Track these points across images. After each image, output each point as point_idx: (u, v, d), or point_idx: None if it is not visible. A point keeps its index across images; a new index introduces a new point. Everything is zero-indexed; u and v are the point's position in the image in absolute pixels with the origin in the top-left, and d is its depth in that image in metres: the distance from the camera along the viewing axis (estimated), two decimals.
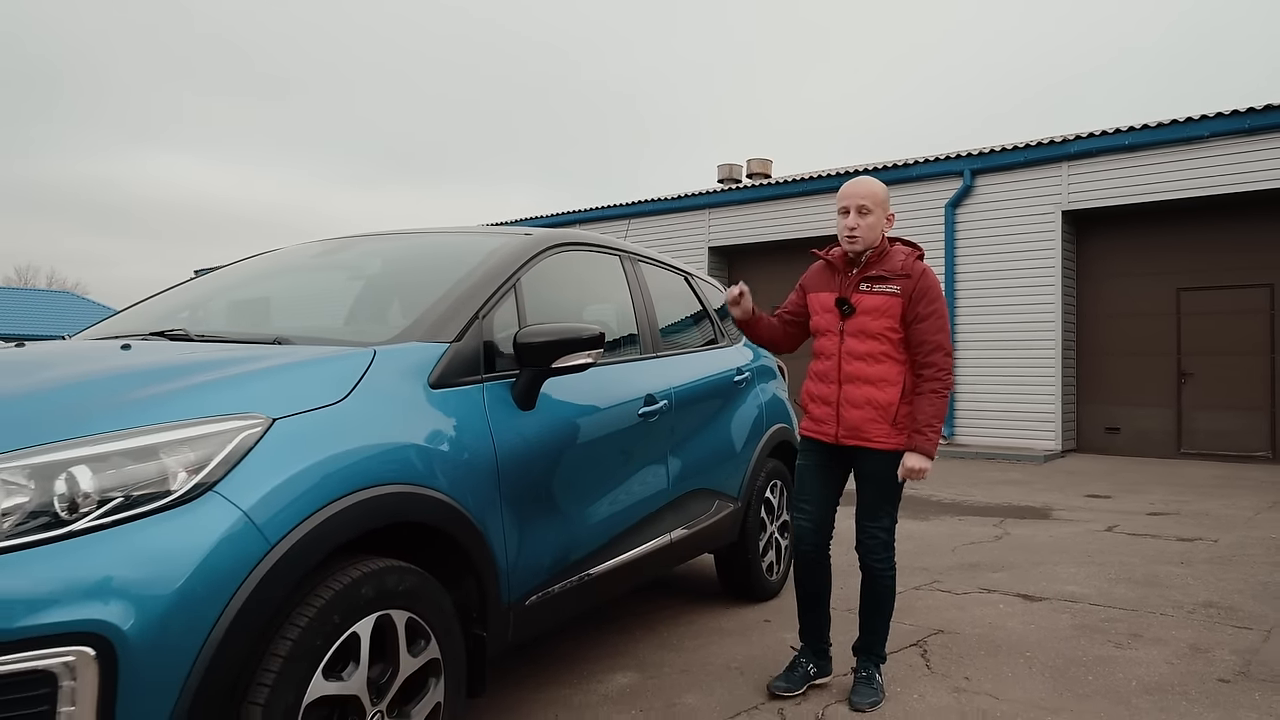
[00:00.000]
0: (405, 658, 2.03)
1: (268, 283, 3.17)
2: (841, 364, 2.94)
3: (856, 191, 2.95)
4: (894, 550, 3.05)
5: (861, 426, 2.91)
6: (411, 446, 2.11)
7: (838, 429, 2.96)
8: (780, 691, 2.99)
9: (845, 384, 2.93)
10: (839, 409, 2.95)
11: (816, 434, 3.04)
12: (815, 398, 3.05)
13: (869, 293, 2.92)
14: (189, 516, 1.65)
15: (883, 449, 2.92)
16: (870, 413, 2.89)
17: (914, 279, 2.90)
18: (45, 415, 1.71)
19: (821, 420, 3.01)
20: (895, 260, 2.96)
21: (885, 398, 2.89)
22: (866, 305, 2.91)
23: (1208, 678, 3.25)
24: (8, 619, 1.48)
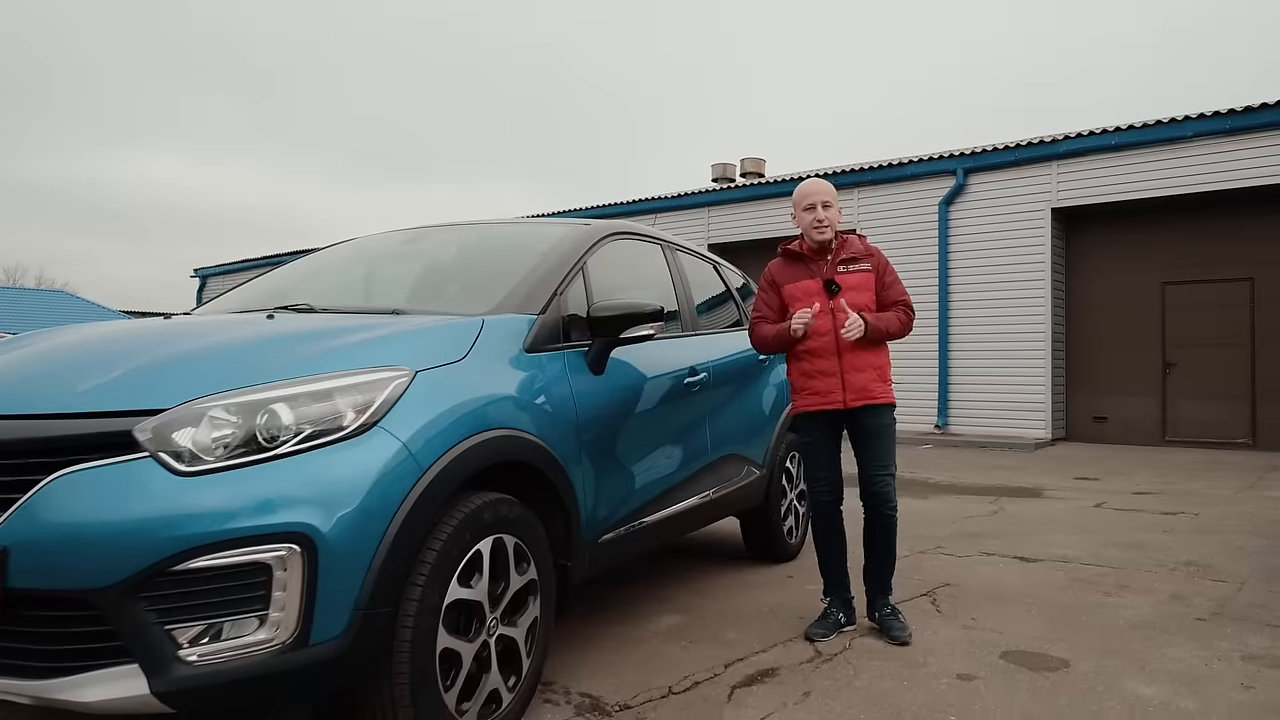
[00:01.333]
0: (514, 575, 2.42)
1: (359, 266, 3.56)
2: (839, 337, 3.28)
3: (819, 190, 3.38)
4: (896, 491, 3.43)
5: (867, 387, 3.31)
6: (515, 399, 2.51)
7: (845, 394, 3.31)
8: (815, 636, 3.35)
9: (846, 353, 3.30)
10: (843, 376, 3.31)
11: (823, 405, 3.35)
12: (815, 373, 3.36)
13: (848, 273, 3.37)
14: (362, 446, 2.04)
15: (885, 403, 3.35)
16: (872, 374, 3.32)
17: (876, 257, 3.44)
18: (240, 366, 2.09)
19: (827, 391, 3.33)
20: (856, 245, 3.45)
21: (880, 360, 3.36)
22: (850, 283, 3.35)
23: (1186, 618, 3.66)
24: (233, 521, 1.86)
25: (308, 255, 3.78)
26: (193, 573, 1.85)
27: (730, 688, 2.84)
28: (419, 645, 2.09)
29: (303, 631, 1.90)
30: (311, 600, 1.91)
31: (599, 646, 3.22)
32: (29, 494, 1.90)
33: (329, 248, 3.85)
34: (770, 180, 16.66)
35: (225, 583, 1.87)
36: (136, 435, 1.91)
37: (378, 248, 3.69)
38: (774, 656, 3.15)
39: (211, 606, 1.87)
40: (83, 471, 1.89)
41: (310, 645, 1.91)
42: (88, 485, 1.88)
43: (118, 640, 1.84)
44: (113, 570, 1.82)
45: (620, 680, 2.89)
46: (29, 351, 2.38)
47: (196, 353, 2.19)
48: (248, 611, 1.88)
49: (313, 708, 2.10)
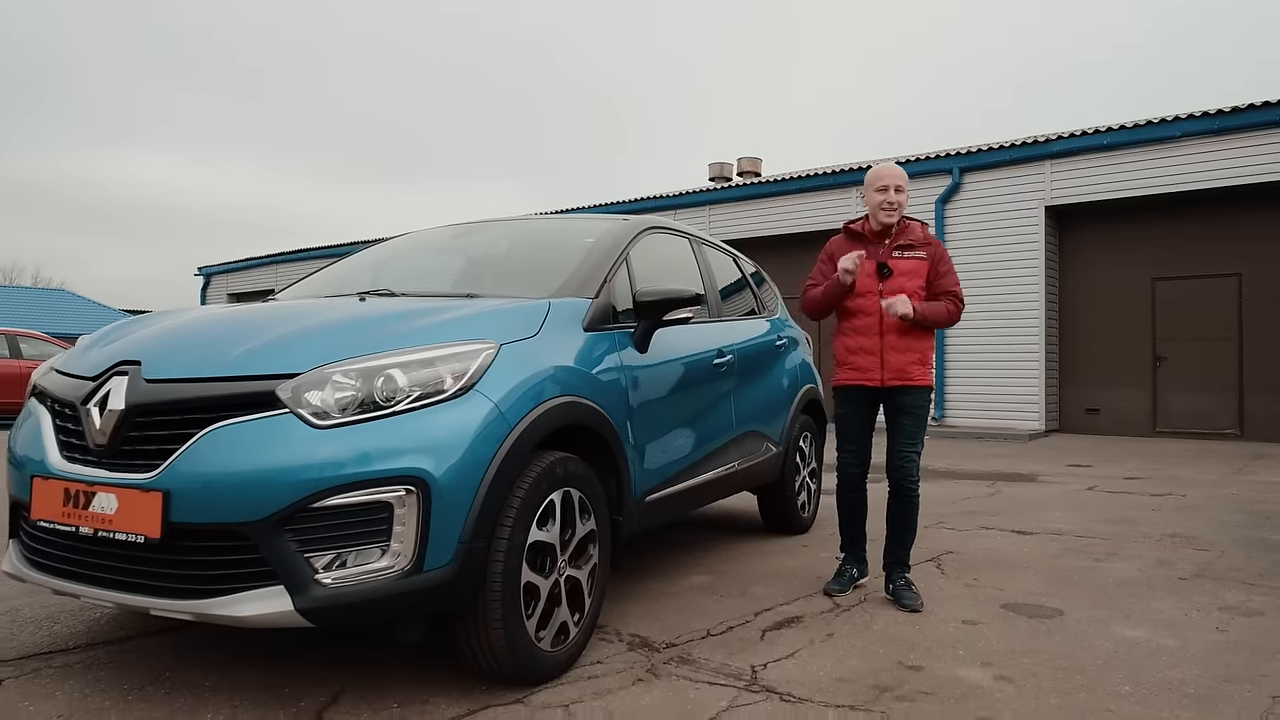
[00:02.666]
0: (579, 524, 2.78)
1: (422, 256, 3.90)
2: (884, 318, 3.50)
3: (894, 173, 3.56)
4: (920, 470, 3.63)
5: (905, 368, 3.52)
6: (578, 370, 2.86)
7: (883, 373, 3.53)
8: (833, 592, 3.66)
9: (888, 334, 3.50)
10: (883, 356, 3.52)
11: (861, 381, 3.58)
12: (858, 350, 3.58)
13: (902, 259, 3.55)
14: (463, 406, 2.39)
15: (921, 385, 3.55)
16: (912, 356, 3.51)
17: (933, 246, 3.60)
18: (355, 339, 2.44)
19: (867, 369, 3.56)
20: (916, 232, 3.62)
21: (923, 344, 3.54)
22: (902, 268, 3.53)
23: (1170, 578, 4.03)
24: (360, 466, 2.21)
25: (368, 248, 4.12)
26: (328, 509, 2.20)
27: (761, 631, 3.20)
28: (508, 577, 2.44)
29: (418, 560, 2.25)
30: (425, 534, 2.26)
31: (641, 599, 3.57)
32: (187, 445, 2.25)
33: (388, 241, 4.19)
34: (769, 179, 17.01)
35: (354, 518, 2.22)
36: (279, 394, 2.26)
37: (435, 240, 4.04)
38: (797, 608, 3.51)
39: (343, 538, 2.22)
40: (233, 425, 2.24)
41: (424, 572, 2.26)
42: (238, 437, 2.23)
43: (266, 566, 2.19)
44: (262, 507, 2.17)
45: (663, 624, 3.25)
46: (159, 329, 2.72)
47: (316, 328, 2.54)
48: (373, 542, 2.24)
49: (423, 626, 2.45)
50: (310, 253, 25.03)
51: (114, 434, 2.35)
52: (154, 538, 2.22)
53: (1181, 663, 2.85)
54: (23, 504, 2.56)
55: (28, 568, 2.56)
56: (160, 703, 2.46)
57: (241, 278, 27.61)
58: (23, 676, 2.66)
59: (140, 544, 2.24)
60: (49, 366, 2.84)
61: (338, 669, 2.72)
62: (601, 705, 2.47)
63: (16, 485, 2.62)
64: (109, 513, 2.29)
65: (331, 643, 2.97)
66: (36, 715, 2.37)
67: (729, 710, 2.45)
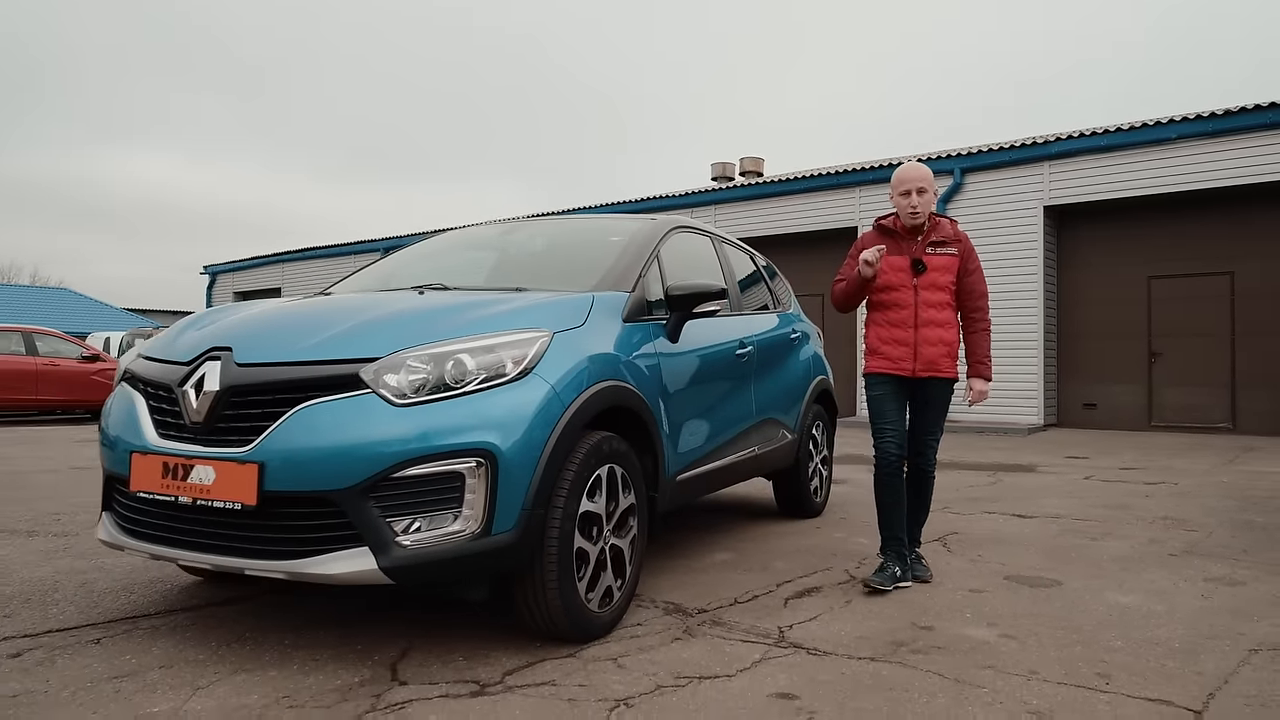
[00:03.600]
0: (621, 498, 3.05)
1: (465, 253, 4.17)
2: (918, 312, 3.61)
3: (915, 175, 3.62)
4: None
5: (935, 361, 3.62)
6: (620, 358, 3.13)
7: (915, 364, 3.62)
8: (875, 585, 3.52)
9: (921, 328, 3.61)
10: (916, 348, 3.61)
11: (894, 370, 3.65)
12: (891, 340, 3.66)
13: (935, 255, 3.66)
14: (524, 387, 2.66)
15: (949, 377, 3.68)
16: (942, 349, 3.62)
17: (964, 243, 3.74)
18: (424, 327, 2.71)
19: (899, 359, 3.64)
20: (947, 228, 3.72)
21: (951, 337, 3.66)
22: (935, 264, 3.65)
23: (1160, 554, 4.31)
24: (436, 440, 2.48)
25: (410, 246, 4.38)
26: (407, 479, 2.47)
27: (784, 599, 3.47)
28: (563, 542, 2.71)
29: (486, 524, 2.52)
30: (493, 501, 2.53)
31: (670, 572, 3.84)
32: (279, 422, 2.51)
33: (429, 239, 4.46)
34: (773, 179, 17.27)
35: (430, 486, 2.49)
36: (362, 376, 2.53)
37: (476, 238, 4.31)
38: (815, 580, 3.78)
39: (420, 504, 2.49)
40: (321, 404, 2.51)
41: (491, 535, 2.53)
42: (326, 414, 2.50)
43: (352, 529, 2.46)
44: (350, 476, 2.44)
45: (694, 593, 3.52)
46: (241, 319, 2.99)
47: (388, 317, 2.81)
48: (446, 508, 2.50)
49: (487, 586, 2.71)
50: (314, 251, 25.29)
51: (209, 413, 2.61)
52: (250, 505, 2.48)
53: (1169, 623, 3.13)
54: (119, 478, 2.82)
55: (124, 535, 2.82)
56: (248, 656, 2.73)
57: (247, 276, 27.86)
58: (116, 636, 2.93)
59: (237, 511, 2.51)
60: (135, 354, 3.10)
61: (403, 629, 2.99)
62: (647, 658, 2.74)
63: (111, 461, 2.88)
64: (207, 483, 2.55)
65: (395, 607, 3.24)
66: (140, 665, 2.63)
67: (762, 661, 2.72)
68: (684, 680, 2.55)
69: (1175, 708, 2.36)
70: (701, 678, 2.57)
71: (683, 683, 2.53)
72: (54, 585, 3.56)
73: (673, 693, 2.45)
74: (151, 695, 2.40)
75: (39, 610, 3.21)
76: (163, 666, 2.62)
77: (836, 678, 2.58)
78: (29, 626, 3.01)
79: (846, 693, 2.46)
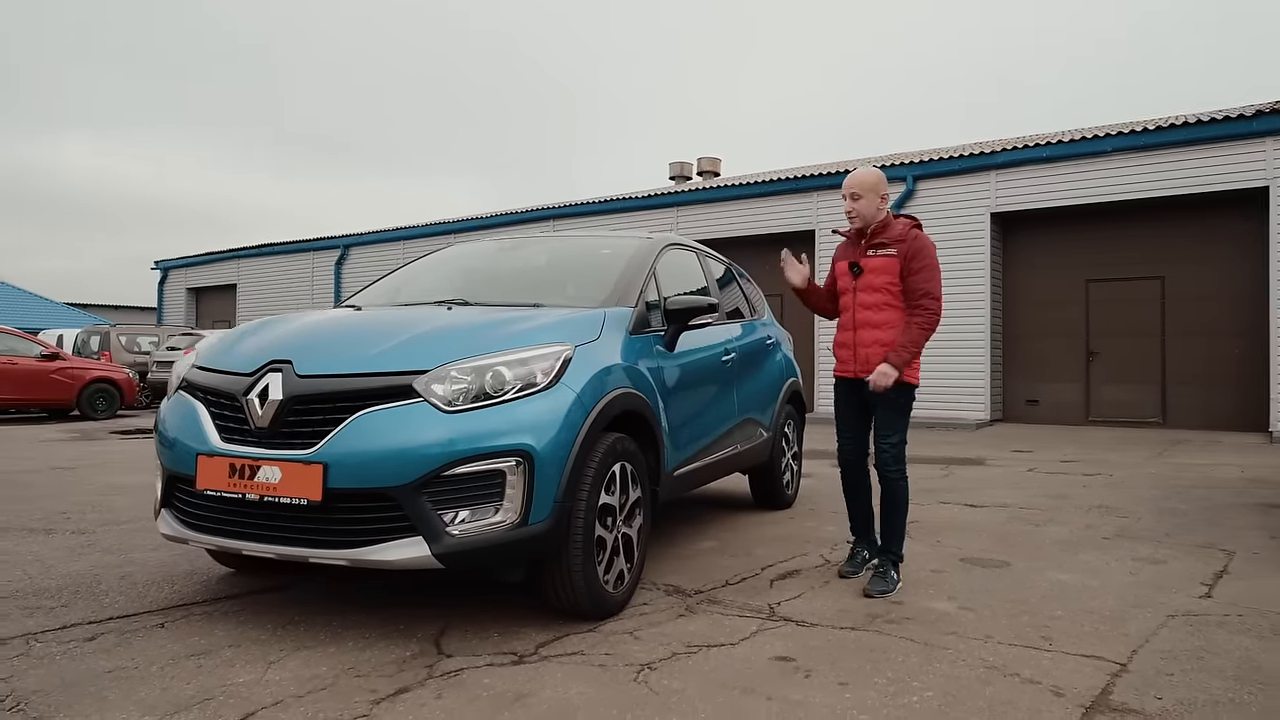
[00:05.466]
0: (631, 491, 3.44)
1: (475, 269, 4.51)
2: (856, 313, 3.78)
3: (848, 182, 3.80)
4: (905, 463, 3.80)
5: (871, 360, 3.71)
6: (629, 367, 3.52)
7: (855, 365, 3.80)
8: (848, 574, 3.85)
9: (859, 329, 3.77)
10: (855, 349, 3.79)
11: (843, 372, 3.89)
12: (839, 344, 3.89)
13: (874, 256, 3.75)
14: (554, 395, 3.04)
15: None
16: (878, 350, 3.70)
17: (909, 243, 3.70)
18: (466, 342, 3.07)
19: (845, 360, 3.87)
20: (896, 229, 3.75)
21: (888, 338, 3.70)
22: (872, 266, 3.74)
23: (1095, 538, 4.84)
24: (481, 442, 2.84)
25: (421, 259, 4.72)
26: (456, 476, 2.83)
27: (770, 580, 3.90)
28: (586, 531, 3.09)
29: (524, 516, 2.90)
30: (530, 495, 2.90)
31: (665, 559, 4.25)
32: (339, 428, 2.86)
33: (436, 254, 4.80)
34: (734, 183, 17.74)
35: (476, 483, 2.86)
36: (415, 386, 2.89)
37: (482, 253, 4.67)
38: (795, 564, 4.22)
39: (467, 498, 2.85)
40: (379, 411, 2.86)
41: (529, 524, 2.90)
42: (384, 420, 2.85)
43: (407, 521, 2.81)
44: (406, 474, 2.79)
45: (689, 577, 3.93)
46: (292, 331, 3.32)
47: (431, 333, 3.16)
48: (489, 502, 2.87)
49: (523, 570, 3.09)
50: (272, 248, 25.17)
51: (274, 419, 2.94)
52: (315, 501, 2.82)
53: (1101, 595, 3.63)
54: (182, 477, 3.13)
55: (187, 529, 3.13)
56: (306, 636, 3.07)
57: (201, 272, 27.59)
58: (177, 621, 3.24)
59: (303, 506, 2.85)
60: (190, 364, 3.41)
61: (437, 612, 3.35)
62: (658, 631, 3.15)
63: (173, 462, 3.18)
64: (273, 482, 2.88)
65: (428, 593, 3.59)
66: (211, 645, 2.96)
67: (759, 632, 3.14)
68: (695, 648, 2.96)
69: (1105, 661, 2.84)
70: (709, 646, 2.98)
71: (694, 650, 2.94)
72: (95, 578, 3.84)
73: (687, 658, 2.86)
74: (231, 669, 2.73)
75: (92, 600, 3.50)
76: (232, 646, 2.95)
77: (824, 644, 3.01)
78: (90, 615, 3.30)
79: (835, 655, 2.89)
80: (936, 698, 2.53)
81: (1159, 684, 2.64)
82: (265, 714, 2.38)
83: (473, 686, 2.60)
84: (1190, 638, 3.08)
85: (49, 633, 3.06)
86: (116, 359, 17.74)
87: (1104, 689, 2.60)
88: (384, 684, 2.62)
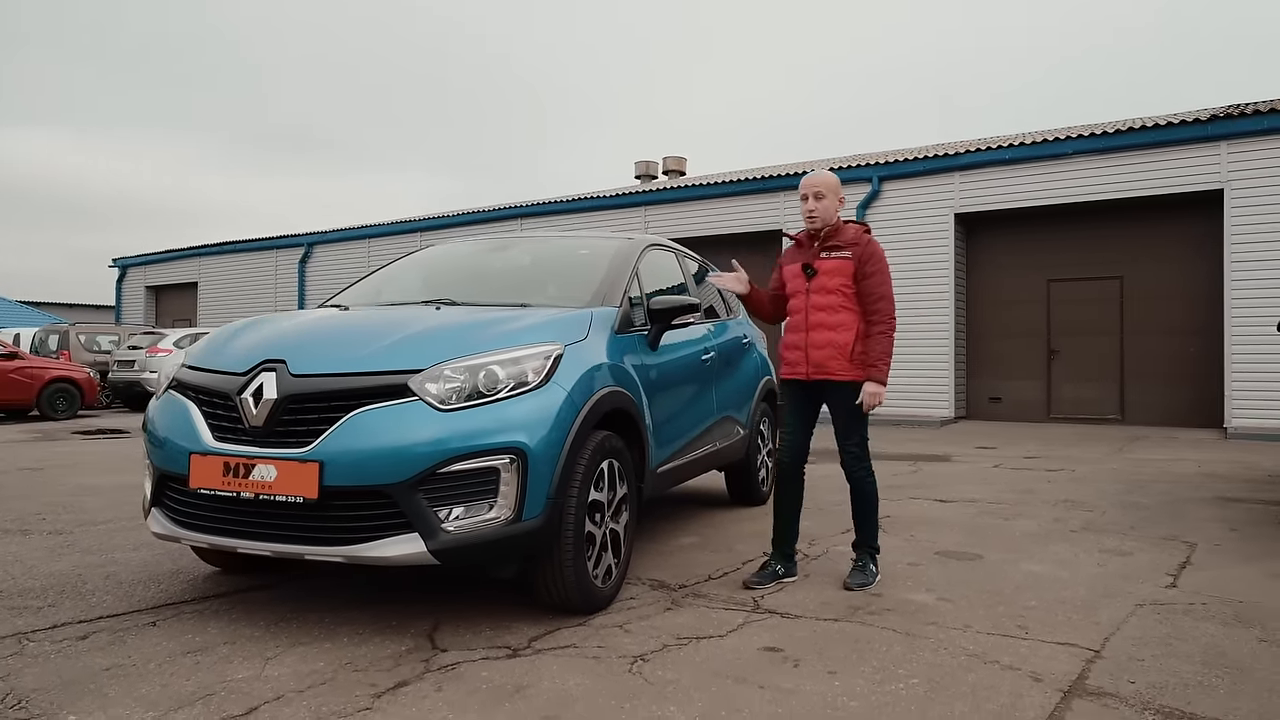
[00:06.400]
0: (619, 488, 3.51)
1: (460, 269, 4.53)
2: (808, 315, 3.73)
3: (811, 182, 3.78)
4: (870, 462, 3.85)
5: (824, 363, 3.69)
6: (616, 366, 3.58)
7: (808, 367, 3.74)
8: (754, 585, 3.71)
9: (811, 331, 3.72)
10: (807, 351, 3.73)
11: (792, 375, 3.81)
12: (790, 345, 3.82)
13: (828, 259, 3.74)
14: (545, 394, 3.09)
15: (843, 380, 3.69)
16: (830, 351, 3.67)
17: (862, 246, 3.73)
18: (457, 342, 3.11)
19: (795, 363, 3.79)
20: (848, 233, 3.78)
21: (842, 339, 3.68)
22: (825, 268, 3.72)
23: (1063, 531, 4.99)
24: (475, 440, 2.89)
25: (403, 259, 4.74)
26: (451, 473, 2.87)
27: (750, 573, 3.98)
28: (577, 527, 3.15)
29: (518, 512, 2.95)
30: (523, 492, 2.95)
31: (648, 555, 4.32)
32: (335, 426, 2.89)
33: (419, 253, 4.82)
34: (700, 182, 17.86)
35: (471, 480, 2.90)
36: (410, 385, 2.92)
37: (466, 252, 4.70)
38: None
39: (462, 495, 2.90)
40: (374, 410, 2.89)
41: (522, 520, 2.95)
42: (379, 418, 2.88)
43: (403, 518, 2.85)
44: (402, 472, 2.83)
45: (673, 572, 4.00)
46: (284, 331, 3.34)
47: (423, 333, 3.19)
48: (484, 498, 2.92)
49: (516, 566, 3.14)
50: (233, 246, 24.82)
51: (269, 418, 2.96)
52: (311, 498, 2.85)
53: (1072, 586, 3.76)
54: (174, 476, 3.13)
55: (179, 528, 3.14)
56: (300, 633, 3.09)
57: (161, 270, 27.14)
58: (168, 619, 3.24)
59: (298, 504, 2.87)
60: (179, 364, 3.41)
61: (428, 609, 3.38)
62: (647, 624, 3.21)
63: (164, 461, 3.19)
64: (269, 480, 2.91)
65: (417, 590, 3.63)
66: (206, 643, 2.97)
67: (745, 624, 3.22)
68: (685, 639, 3.03)
69: (1079, 648, 2.96)
70: (698, 638, 3.06)
71: (684, 641, 3.01)
72: (80, 578, 3.82)
73: (678, 649, 2.93)
74: (229, 665, 2.76)
75: (80, 600, 3.49)
76: (227, 643, 2.97)
77: (810, 634, 3.10)
78: (80, 614, 3.29)
79: (821, 645, 2.98)
80: (922, 684, 2.63)
81: (1132, 669, 2.76)
82: (268, 708, 2.41)
83: (471, 679, 2.65)
84: (1159, 625, 3.22)
85: (40, 632, 3.06)
86: (75, 358, 17.43)
87: (1080, 674, 2.71)
88: (383, 678, 2.66)
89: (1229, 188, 11.49)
